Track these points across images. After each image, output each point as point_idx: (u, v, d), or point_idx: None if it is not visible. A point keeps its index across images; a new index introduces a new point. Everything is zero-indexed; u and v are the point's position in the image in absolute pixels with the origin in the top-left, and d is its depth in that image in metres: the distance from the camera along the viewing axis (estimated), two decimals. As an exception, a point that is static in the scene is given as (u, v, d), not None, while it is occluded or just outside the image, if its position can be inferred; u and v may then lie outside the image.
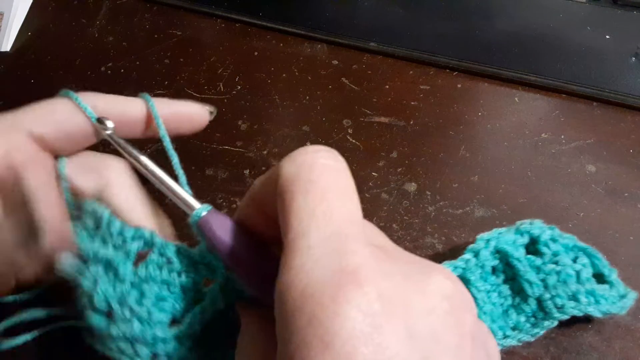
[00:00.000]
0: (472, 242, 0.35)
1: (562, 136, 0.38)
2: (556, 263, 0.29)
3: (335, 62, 0.43)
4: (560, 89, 0.39)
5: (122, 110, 0.29)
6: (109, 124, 0.27)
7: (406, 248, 0.35)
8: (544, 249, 0.30)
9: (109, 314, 0.22)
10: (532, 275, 0.29)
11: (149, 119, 0.30)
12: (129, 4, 0.48)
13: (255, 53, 0.44)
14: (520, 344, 0.30)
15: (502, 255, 0.31)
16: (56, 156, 0.29)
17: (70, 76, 0.45)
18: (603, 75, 0.39)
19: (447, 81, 0.41)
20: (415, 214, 0.36)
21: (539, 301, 0.29)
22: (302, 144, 0.40)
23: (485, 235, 0.31)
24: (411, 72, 0.42)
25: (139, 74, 0.44)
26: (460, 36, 0.42)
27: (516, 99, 0.40)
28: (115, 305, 0.22)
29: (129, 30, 0.47)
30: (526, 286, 0.29)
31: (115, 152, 0.29)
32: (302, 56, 0.43)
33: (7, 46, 0.47)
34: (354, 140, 0.39)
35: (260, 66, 0.43)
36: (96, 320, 0.22)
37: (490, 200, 0.36)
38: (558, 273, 0.29)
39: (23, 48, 0.47)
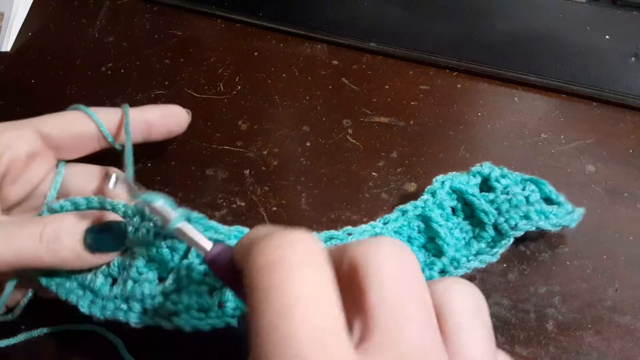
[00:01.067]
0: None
1: (562, 136, 0.38)
2: (507, 193, 0.33)
3: (335, 62, 0.43)
4: (560, 89, 0.39)
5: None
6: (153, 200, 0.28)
7: (406, 248, 0.35)
8: (495, 184, 0.33)
9: (113, 280, 0.29)
10: (486, 206, 0.32)
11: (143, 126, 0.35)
12: (129, 4, 0.48)
13: (255, 53, 0.44)
14: (484, 265, 0.32)
15: (459, 195, 0.34)
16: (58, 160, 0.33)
17: (71, 76, 0.45)
18: (603, 75, 0.39)
19: (447, 81, 0.41)
20: (415, 213, 0.36)
21: (495, 226, 0.32)
22: (302, 144, 0.40)
23: (440, 177, 0.34)
24: (411, 72, 0.42)
25: (139, 74, 0.44)
26: (460, 36, 0.42)
27: (516, 99, 0.40)
28: (118, 270, 0.29)
29: (129, 30, 0.47)
30: (482, 216, 0.32)
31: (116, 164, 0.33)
32: (302, 56, 0.44)
33: (7, 46, 0.47)
34: (354, 140, 0.39)
35: (260, 66, 0.43)
36: (101, 285, 0.29)
37: (490, 200, 0.36)
38: (509, 200, 0.32)
39: (23, 48, 0.47)
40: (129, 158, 0.30)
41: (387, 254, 0.19)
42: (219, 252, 0.23)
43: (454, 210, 0.34)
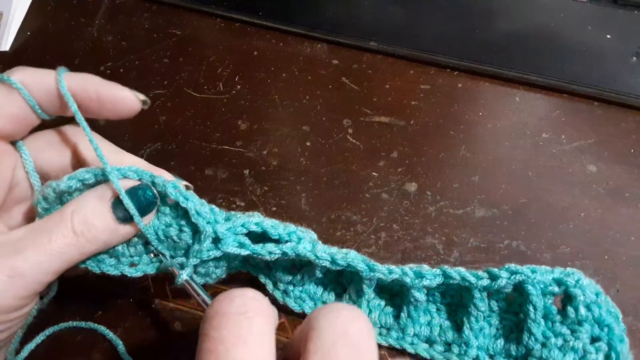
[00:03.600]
0: (475, 242, 0.35)
1: (563, 136, 0.38)
2: (572, 331, 0.27)
3: (335, 61, 0.43)
4: (561, 88, 0.39)
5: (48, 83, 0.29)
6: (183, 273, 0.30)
7: (406, 248, 0.35)
8: (570, 311, 0.27)
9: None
10: (537, 328, 0.27)
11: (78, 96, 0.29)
12: (128, 3, 0.48)
13: (255, 53, 0.44)
14: None
15: (519, 292, 0.28)
16: (14, 142, 0.30)
17: (70, 76, 0.45)
18: (604, 75, 0.39)
19: (448, 81, 0.41)
20: (416, 214, 0.36)
21: (528, 351, 0.28)
22: (302, 143, 0.40)
23: (516, 268, 0.28)
24: (411, 71, 0.42)
25: (139, 74, 0.44)
26: (461, 36, 0.42)
27: (517, 98, 0.40)
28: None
29: (128, 29, 0.47)
30: (525, 335, 0.28)
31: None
32: (302, 56, 0.43)
33: (6, 46, 0.47)
34: (354, 140, 0.39)
35: (260, 66, 0.43)
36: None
37: (491, 200, 0.36)
38: (564, 343, 0.26)
39: (22, 48, 0.47)
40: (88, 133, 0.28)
41: (337, 315, 0.22)
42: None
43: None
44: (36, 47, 0.47)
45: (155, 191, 0.28)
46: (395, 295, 0.32)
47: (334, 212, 0.37)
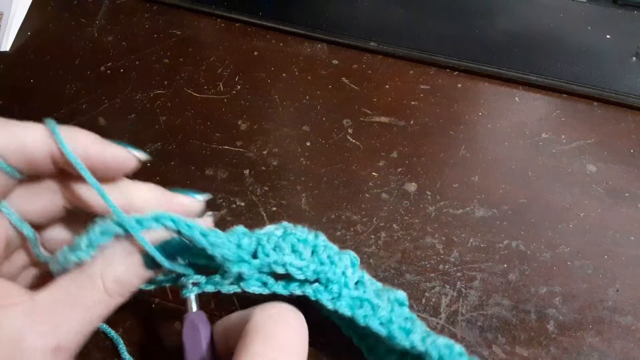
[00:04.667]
0: (474, 242, 0.35)
1: (563, 136, 0.38)
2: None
3: (335, 61, 0.43)
4: (560, 88, 0.39)
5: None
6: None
7: (406, 248, 0.35)
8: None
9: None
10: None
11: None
12: (128, 3, 0.48)
13: (255, 53, 0.44)
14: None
15: None
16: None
17: (70, 76, 0.45)
18: (603, 75, 0.39)
19: (448, 81, 0.41)
20: (416, 214, 0.36)
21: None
22: (302, 143, 0.40)
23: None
24: (411, 71, 0.42)
25: (139, 74, 0.44)
26: (461, 36, 0.42)
27: (517, 98, 0.40)
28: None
29: (128, 29, 0.47)
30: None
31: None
32: (302, 56, 0.43)
33: (6, 46, 0.47)
34: (354, 140, 0.39)
35: (260, 66, 0.43)
36: None
37: (490, 200, 0.36)
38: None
39: (22, 48, 0.47)
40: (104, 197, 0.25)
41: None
42: (200, 319, 0.27)
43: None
44: (36, 47, 0.47)
45: (183, 239, 0.26)
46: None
47: (334, 212, 0.37)
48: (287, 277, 0.27)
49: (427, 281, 0.34)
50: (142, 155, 0.26)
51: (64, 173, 0.26)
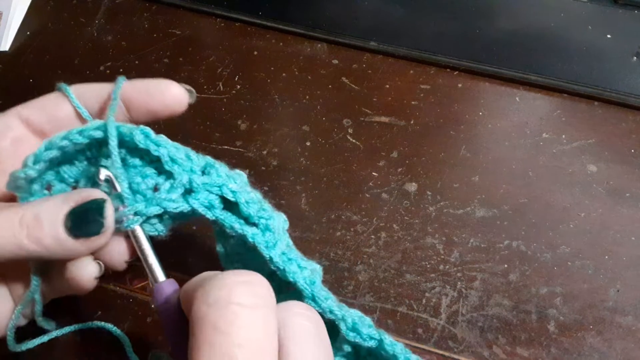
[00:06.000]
0: (475, 242, 0.35)
1: (563, 136, 0.38)
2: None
3: (335, 61, 0.43)
4: (561, 88, 0.39)
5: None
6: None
7: (406, 248, 0.35)
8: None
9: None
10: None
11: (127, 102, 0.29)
12: (128, 3, 0.48)
13: (255, 52, 0.44)
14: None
15: None
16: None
17: (69, 75, 0.45)
18: (604, 74, 0.39)
19: (448, 81, 0.41)
20: (416, 214, 0.36)
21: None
22: (302, 143, 0.39)
23: None
24: (411, 71, 0.42)
25: (138, 74, 0.44)
26: (461, 35, 0.42)
27: (517, 98, 0.40)
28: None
29: (128, 29, 0.47)
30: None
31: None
32: (302, 56, 0.43)
33: (5, 46, 0.47)
34: (354, 140, 0.39)
35: (260, 66, 0.43)
36: None
37: (491, 200, 0.36)
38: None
39: (22, 47, 0.47)
40: (112, 146, 0.25)
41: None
42: (170, 289, 0.23)
43: None
44: (36, 46, 0.47)
45: (103, 221, 0.24)
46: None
47: (334, 212, 0.37)
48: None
49: (428, 281, 0.34)
50: (187, 86, 0.29)
51: None
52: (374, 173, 0.38)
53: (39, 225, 0.24)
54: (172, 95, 0.29)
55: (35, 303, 0.27)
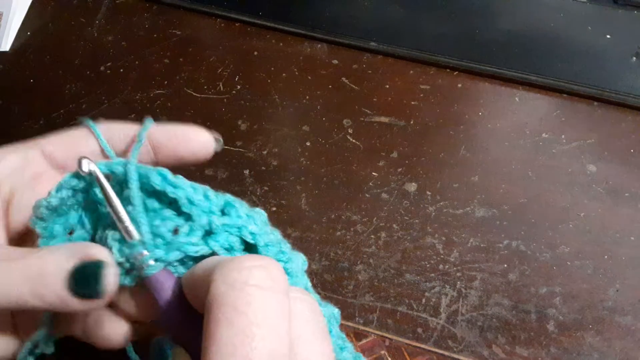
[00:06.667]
0: (474, 242, 0.35)
1: (563, 136, 0.38)
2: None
3: (335, 61, 0.43)
4: (561, 88, 0.39)
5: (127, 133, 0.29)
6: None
7: (406, 248, 0.35)
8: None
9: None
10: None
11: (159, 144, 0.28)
12: (128, 3, 0.48)
13: (255, 53, 0.44)
14: None
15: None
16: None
17: (70, 76, 0.45)
18: (604, 75, 0.39)
19: (448, 81, 0.41)
20: (416, 214, 0.36)
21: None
22: (302, 144, 0.40)
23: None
24: (411, 71, 0.42)
25: (139, 74, 0.44)
26: (461, 36, 0.42)
27: (517, 98, 0.40)
28: None
29: (128, 29, 0.47)
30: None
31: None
32: (302, 56, 0.43)
33: (6, 46, 0.47)
34: (354, 140, 0.39)
35: (260, 66, 0.43)
36: None
37: (490, 200, 0.36)
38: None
39: (22, 48, 0.47)
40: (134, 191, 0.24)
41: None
42: (167, 276, 0.23)
43: None
44: (36, 47, 0.47)
45: (104, 286, 0.23)
46: None
47: (334, 212, 0.37)
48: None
49: (427, 281, 0.34)
50: (216, 134, 0.28)
51: None
52: (373, 173, 0.38)
53: (42, 283, 0.23)
54: (200, 142, 0.29)
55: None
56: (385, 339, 0.33)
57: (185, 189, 0.24)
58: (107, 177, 0.24)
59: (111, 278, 0.23)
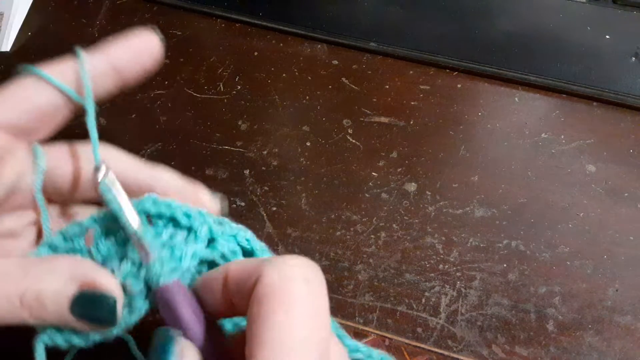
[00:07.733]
0: (474, 242, 0.35)
1: (562, 136, 0.38)
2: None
3: (335, 62, 0.43)
4: (560, 89, 0.39)
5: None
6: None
7: (406, 248, 0.35)
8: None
9: None
10: None
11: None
12: (129, 3, 0.48)
13: (255, 53, 0.44)
14: None
15: None
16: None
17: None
18: (603, 75, 0.39)
19: (447, 81, 0.41)
20: (415, 214, 0.36)
21: None
22: (302, 144, 0.40)
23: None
24: (411, 72, 0.42)
25: (139, 74, 0.44)
26: (461, 36, 0.42)
27: (516, 98, 0.40)
28: None
29: (129, 30, 0.47)
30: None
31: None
32: (302, 56, 0.43)
33: (7, 46, 0.47)
34: (354, 140, 0.39)
35: (260, 66, 0.43)
36: None
37: (490, 200, 0.36)
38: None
39: (23, 48, 0.47)
40: (91, 127, 0.24)
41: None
42: (179, 287, 0.23)
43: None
44: (37, 47, 0.47)
45: (114, 318, 0.23)
46: None
47: (334, 212, 0.37)
48: None
49: (427, 281, 0.34)
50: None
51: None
52: (373, 173, 0.38)
53: (42, 307, 0.22)
54: (156, 47, 0.30)
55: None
56: (385, 339, 0.33)
57: (179, 205, 0.26)
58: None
59: (118, 307, 0.23)
